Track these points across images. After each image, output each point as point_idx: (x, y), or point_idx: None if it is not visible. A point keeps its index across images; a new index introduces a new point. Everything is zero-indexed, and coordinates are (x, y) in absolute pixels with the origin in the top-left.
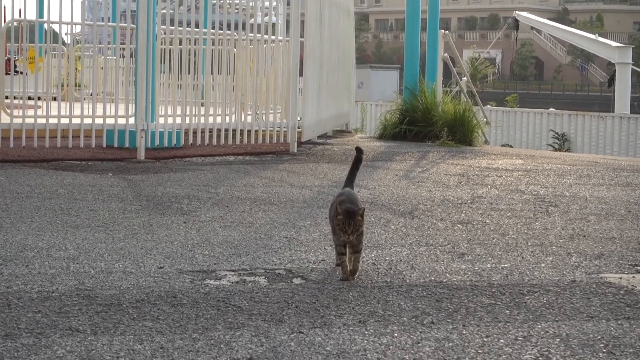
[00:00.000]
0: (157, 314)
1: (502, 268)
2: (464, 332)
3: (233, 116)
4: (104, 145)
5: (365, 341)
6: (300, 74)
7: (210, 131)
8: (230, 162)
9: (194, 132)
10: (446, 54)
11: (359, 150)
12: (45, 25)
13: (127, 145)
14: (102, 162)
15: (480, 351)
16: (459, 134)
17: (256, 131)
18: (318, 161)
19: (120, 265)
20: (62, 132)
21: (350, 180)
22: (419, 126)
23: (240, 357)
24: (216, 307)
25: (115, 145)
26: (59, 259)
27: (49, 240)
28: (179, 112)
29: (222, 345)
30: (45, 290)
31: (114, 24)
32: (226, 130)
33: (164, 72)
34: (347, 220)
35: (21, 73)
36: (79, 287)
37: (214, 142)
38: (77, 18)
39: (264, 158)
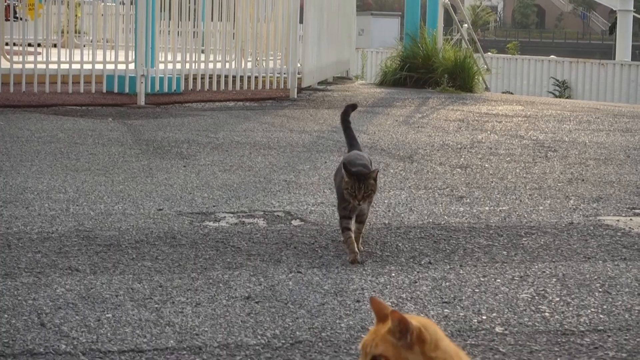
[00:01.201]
0: (156, 254)
1: (500, 211)
2: (461, 272)
3: (233, 62)
4: (104, 90)
5: (363, 280)
6: (301, 21)
7: (210, 77)
8: (230, 107)
9: (194, 78)
10: (447, 1)
11: (345, 113)
12: None
13: (127, 90)
14: (102, 107)
15: (477, 290)
16: (460, 80)
17: (256, 77)
18: (318, 107)
19: (120, 207)
20: (62, 78)
21: (351, 142)
22: (420, 73)
23: (238, 295)
24: (215, 248)
25: (115, 91)
26: (58, 201)
27: (48, 183)
28: (179, 58)
29: (220, 285)
30: (45, 231)
31: None
32: (226, 76)
33: (163, 19)
34: (357, 183)
35: (21, 19)
36: (78, 228)
37: (214, 88)
38: None
39: (263, 104)
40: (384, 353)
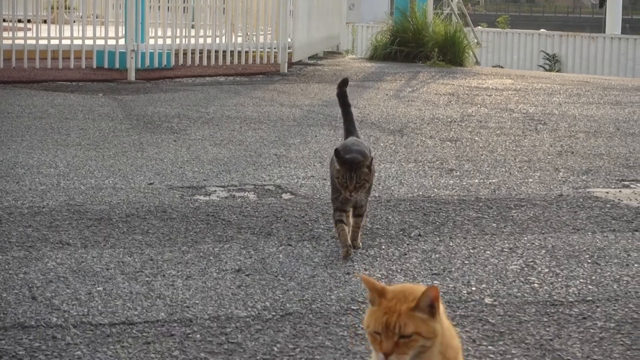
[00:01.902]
0: (147, 227)
1: (489, 183)
2: (451, 244)
3: (223, 37)
4: (94, 66)
5: (353, 253)
6: None
7: (201, 52)
8: (221, 82)
9: (184, 54)
10: None
11: (341, 87)
12: None
13: (117, 66)
14: (92, 82)
15: (466, 262)
16: (450, 54)
17: (246, 52)
18: (308, 81)
19: (110, 182)
20: (52, 54)
21: (349, 128)
22: (410, 47)
23: (229, 268)
24: (205, 221)
25: (106, 66)
26: (49, 176)
27: (39, 157)
28: (169, 34)
29: (211, 258)
30: (36, 206)
31: None
32: (216, 51)
33: None
34: (349, 172)
35: None
36: (69, 203)
37: (204, 63)
38: None
39: (254, 78)
40: (417, 330)
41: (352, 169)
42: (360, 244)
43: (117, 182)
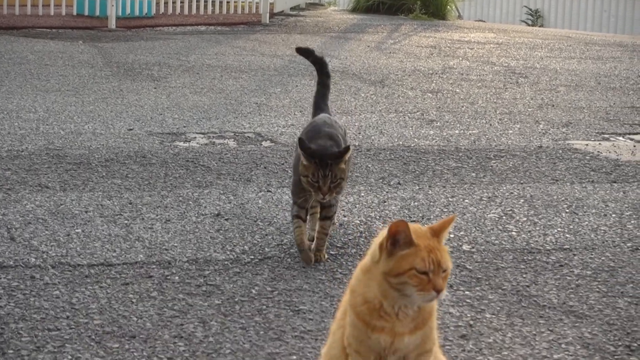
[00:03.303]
0: (126, 172)
1: (469, 134)
2: (430, 192)
3: None
4: (75, 13)
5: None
6: None
7: (182, 1)
8: (202, 31)
9: (166, 2)
10: None
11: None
12: None
13: (97, 13)
14: (72, 30)
15: (445, 210)
16: (432, 7)
17: (228, 2)
18: (290, 32)
19: (90, 127)
20: (32, 1)
21: (319, 102)
22: None
23: (208, 212)
24: (185, 167)
25: (86, 13)
26: (28, 121)
27: (18, 103)
28: None
29: (190, 202)
30: (15, 150)
31: None
32: (198, 0)
33: None
34: (321, 168)
35: None
36: (48, 147)
37: (186, 12)
38: None
39: (235, 28)
40: (450, 263)
41: (324, 165)
42: (326, 255)
43: (96, 127)
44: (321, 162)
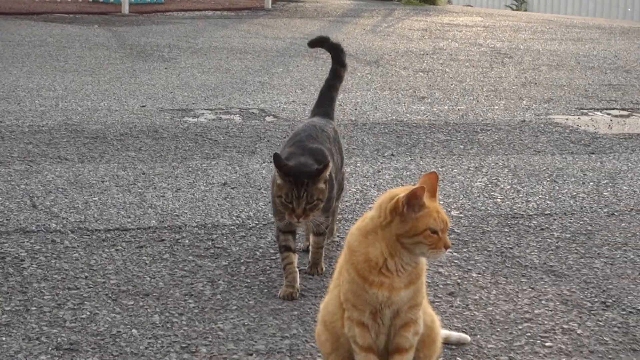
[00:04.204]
0: (140, 145)
1: (458, 110)
2: (421, 163)
3: None
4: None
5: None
6: None
7: None
8: (209, 16)
9: None
10: None
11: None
12: None
13: (111, 0)
14: (88, 15)
15: None
16: None
17: None
18: (291, 16)
19: (105, 104)
20: None
21: (324, 96)
22: None
23: (215, 182)
24: (194, 140)
25: (101, 0)
26: (48, 98)
27: (39, 82)
28: None
29: (199, 172)
30: (36, 125)
31: None
32: None
33: None
34: (295, 187)
35: None
36: (67, 123)
37: None
38: None
39: (240, 13)
40: None
41: (298, 184)
42: (324, 267)
43: (111, 104)
44: (296, 181)
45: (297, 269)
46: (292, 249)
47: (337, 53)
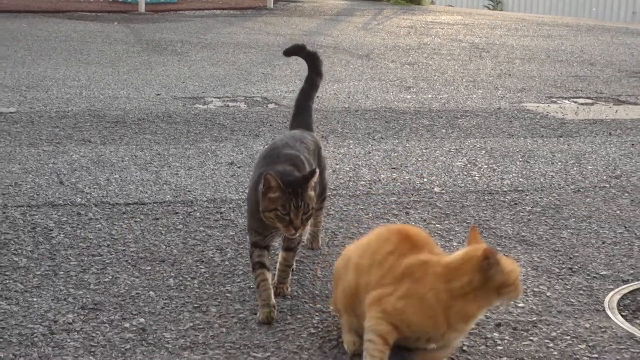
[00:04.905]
0: (155, 129)
1: (440, 98)
2: (407, 145)
3: None
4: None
5: (325, 151)
6: None
7: None
8: (217, 15)
9: None
10: None
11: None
12: None
13: (129, 0)
14: (108, 13)
15: (419, 159)
16: None
17: None
18: (291, 15)
19: (124, 93)
20: None
21: (301, 105)
22: None
23: (223, 162)
24: (204, 125)
25: (120, 0)
26: (73, 87)
27: (64, 72)
28: None
29: (208, 153)
30: (62, 111)
31: None
32: None
33: None
34: (292, 198)
35: None
36: (90, 109)
37: None
38: None
39: (245, 12)
40: None
41: (296, 194)
42: (290, 289)
43: (130, 93)
44: (294, 191)
45: (271, 286)
46: (267, 266)
47: (314, 62)
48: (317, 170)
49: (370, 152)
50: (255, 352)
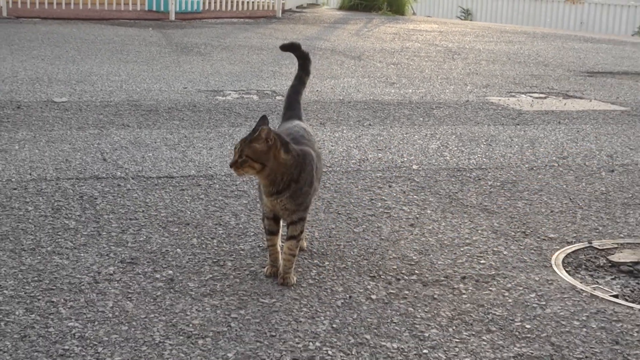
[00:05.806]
0: (183, 116)
1: (419, 92)
2: (391, 130)
3: None
4: (146, 9)
5: (323, 135)
6: None
7: (221, 1)
8: (234, 22)
9: (209, 2)
10: None
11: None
12: None
13: (162, 9)
14: (144, 20)
15: (401, 142)
16: (395, 6)
17: (252, 2)
18: (296, 23)
19: (157, 86)
20: (117, 0)
21: (292, 100)
22: (368, 0)
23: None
24: (223, 113)
25: (154, 9)
26: (114, 82)
27: (107, 69)
28: None
29: (227, 136)
30: (105, 101)
31: None
32: (232, 1)
33: None
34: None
35: None
36: (128, 99)
37: (223, 9)
38: None
39: (258, 20)
40: None
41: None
42: (294, 278)
43: (162, 86)
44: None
45: (279, 250)
46: (276, 233)
47: (305, 62)
48: (266, 129)
49: (360, 136)
50: (263, 298)
